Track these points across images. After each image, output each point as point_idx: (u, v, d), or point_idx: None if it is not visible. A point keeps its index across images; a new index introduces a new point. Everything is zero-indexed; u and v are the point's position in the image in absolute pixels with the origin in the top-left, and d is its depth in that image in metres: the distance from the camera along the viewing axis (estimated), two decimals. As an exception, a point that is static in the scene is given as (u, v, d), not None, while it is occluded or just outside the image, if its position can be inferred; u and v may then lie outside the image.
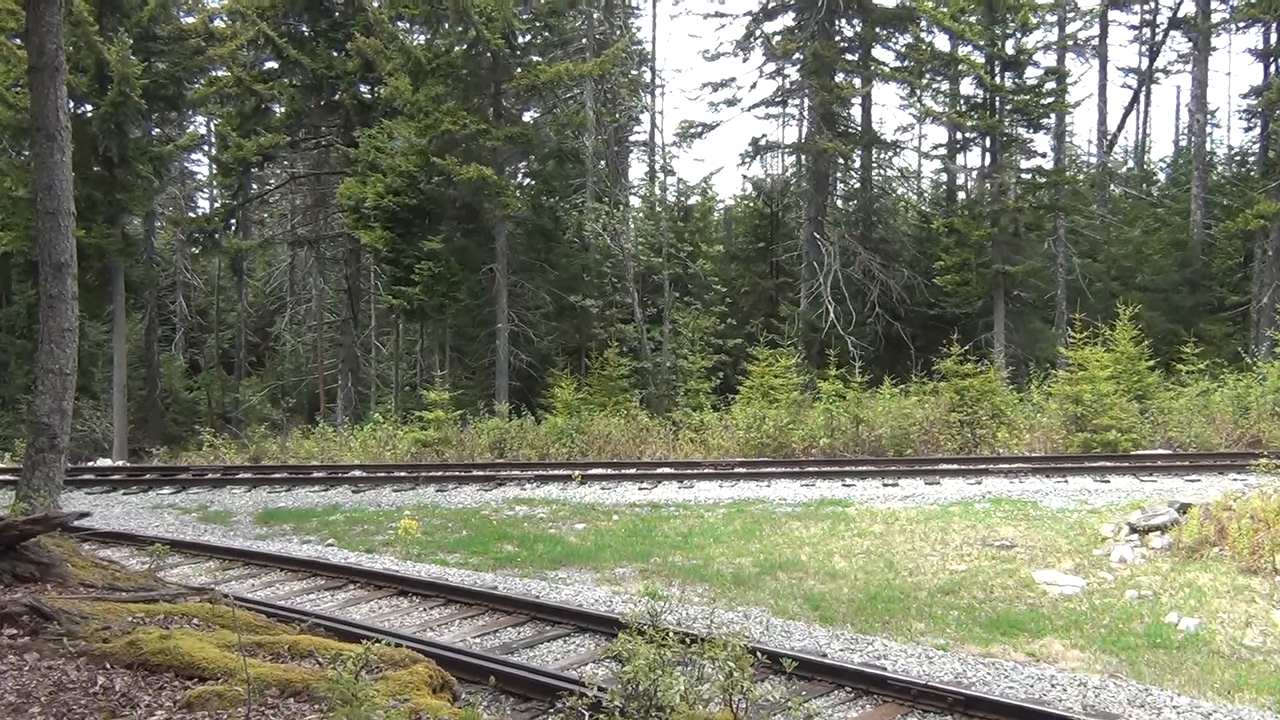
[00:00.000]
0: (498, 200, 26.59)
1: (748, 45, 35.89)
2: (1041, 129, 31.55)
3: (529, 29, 28.64)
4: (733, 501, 15.85)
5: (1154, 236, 35.92)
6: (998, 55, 29.26)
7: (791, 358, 25.57)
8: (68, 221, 7.32)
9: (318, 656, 4.56)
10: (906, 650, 8.78)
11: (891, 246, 34.88)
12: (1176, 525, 12.27)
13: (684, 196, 34.39)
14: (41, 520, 5.67)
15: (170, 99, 28.86)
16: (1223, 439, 19.44)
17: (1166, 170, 44.15)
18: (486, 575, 11.74)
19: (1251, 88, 34.93)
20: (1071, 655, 8.99)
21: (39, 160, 7.29)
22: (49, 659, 4.34)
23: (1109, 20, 37.72)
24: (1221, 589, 10.58)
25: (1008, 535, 13.01)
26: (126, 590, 5.67)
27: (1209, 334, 30.07)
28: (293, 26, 31.48)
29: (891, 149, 39.75)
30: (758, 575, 11.60)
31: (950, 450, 20.04)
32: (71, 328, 7.36)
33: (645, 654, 5.09)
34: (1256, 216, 28.71)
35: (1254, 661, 8.84)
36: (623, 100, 37.70)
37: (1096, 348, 21.41)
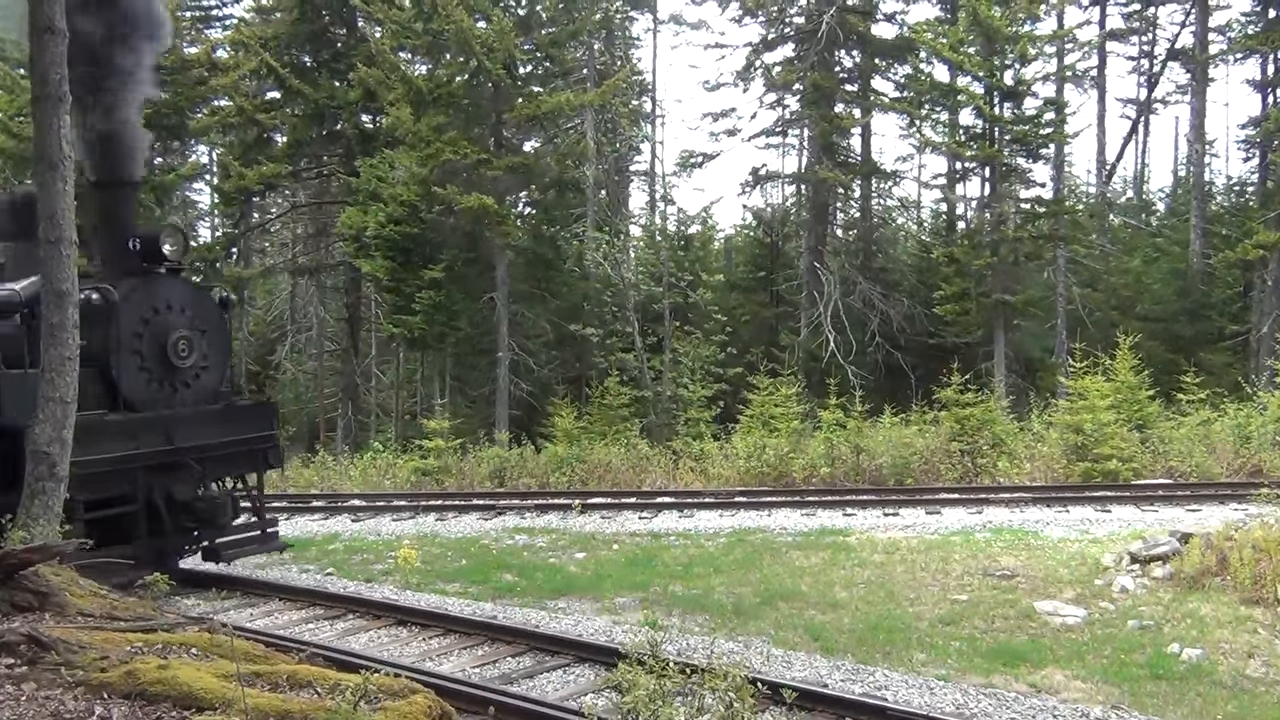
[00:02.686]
0: (499, 229, 26.68)
1: (748, 76, 36.08)
2: (1041, 159, 31.64)
3: (530, 59, 28.81)
4: (733, 531, 15.81)
5: (1153, 266, 35.96)
6: (997, 86, 29.40)
7: (792, 387, 25.55)
8: (69, 250, 7.34)
9: (316, 687, 4.54)
10: (908, 681, 8.75)
11: (891, 276, 34.94)
12: (1178, 555, 12.23)
13: (684, 226, 34.48)
14: (40, 549, 5.66)
15: (173, 128, 28.99)
16: (1223, 469, 19.39)
17: (1166, 200, 44.28)
18: (486, 605, 11.71)
19: (1250, 118, 35.12)
20: (1074, 686, 8.95)
21: (41, 189, 7.33)
22: (46, 689, 4.32)
23: (1107, 51, 37.95)
24: (1224, 619, 10.54)
25: (1009, 565, 12.97)
26: (125, 619, 5.66)
27: (1209, 363, 30.04)
28: (295, 57, 31.69)
29: (891, 179, 39.88)
30: (758, 605, 11.56)
31: (951, 480, 20.00)
32: (73, 356, 7.38)
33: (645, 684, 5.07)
34: (1256, 246, 28.75)
35: (1256, 693, 8.79)
36: (623, 130, 37.88)
37: (1097, 377, 21.39)
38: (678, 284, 31.08)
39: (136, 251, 11.84)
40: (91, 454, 10.37)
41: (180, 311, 12.04)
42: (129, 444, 11.10)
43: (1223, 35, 36.28)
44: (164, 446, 11.43)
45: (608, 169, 35.42)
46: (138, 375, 11.59)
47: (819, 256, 32.83)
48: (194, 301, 12.31)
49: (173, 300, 12.01)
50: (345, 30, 32.04)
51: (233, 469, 12.55)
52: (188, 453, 11.63)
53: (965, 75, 30.66)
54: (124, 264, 11.88)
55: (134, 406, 11.45)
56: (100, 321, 11.05)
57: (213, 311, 12.57)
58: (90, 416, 10.49)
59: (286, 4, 31.80)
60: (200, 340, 12.17)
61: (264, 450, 12.69)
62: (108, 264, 11.98)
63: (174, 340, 11.82)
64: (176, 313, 12.01)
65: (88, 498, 10.38)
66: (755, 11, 34.58)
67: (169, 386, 11.91)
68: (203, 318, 12.33)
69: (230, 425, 12.33)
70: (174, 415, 11.74)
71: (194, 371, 12.13)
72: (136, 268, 11.92)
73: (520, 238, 27.46)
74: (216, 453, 12.03)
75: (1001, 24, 28.28)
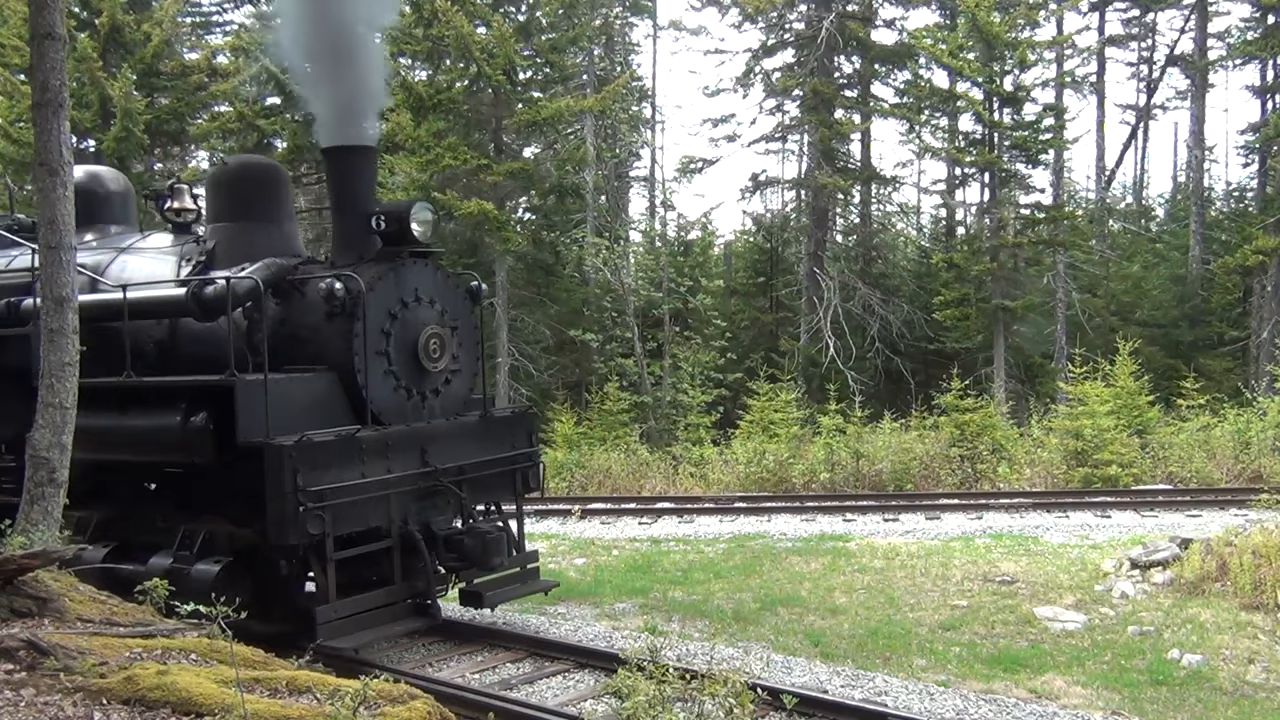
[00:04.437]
0: (498, 235, 26.67)
1: (747, 82, 36.09)
2: (1040, 165, 31.65)
3: (530, 65, 28.82)
4: (733, 536, 15.80)
5: (1153, 272, 35.98)
6: (996, 92, 29.42)
7: (791, 392, 25.53)
8: (70, 256, 7.34)
9: (315, 692, 4.53)
10: (908, 686, 8.74)
11: (891, 281, 34.93)
12: (1178, 561, 12.23)
13: (684, 231, 34.47)
14: (40, 555, 5.66)
15: (173, 134, 29.01)
16: (1223, 474, 19.39)
17: (1165, 206, 44.29)
18: (485, 610, 11.69)
19: (1249, 124, 35.11)
20: (1074, 692, 8.94)
21: (42, 195, 7.32)
22: (45, 694, 4.32)
23: (1106, 57, 37.98)
24: (1224, 625, 10.53)
25: (1009, 571, 12.97)
26: (124, 625, 5.66)
27: (1209, 369, 30.04)
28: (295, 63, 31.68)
29: (891, 184, 39.87)
30: (758, 611, 11.55)
31: (951, 485, 19.99)
32: (72, 362, 7.37)
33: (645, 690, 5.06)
34: (1255, 252, 28.75)
35: (1257, 699, 8.79)
36: (623, 136, 37.88)
37: (1096, 383, 21.41)
38: (677, 289, 31.07)
39: (379, 230, 9.76)
40: (345, 479, 8.70)
41: (429, 304, 9.97)
42: (382, 466, 9.16)
43: (1222, 41, 36.33)
44: (419, 469, 9.46)
45: (607, 175, 35.42)
46: (384, 381, 9.52)
47: (819, 262, 32.82)
48: (443, 291, 10.18)
49: (421, 290, 9.90)
50: (345, 36, 32.07)
51: (490, 494, 10.40)
52: (446, 475, 9.63)
53: (965, 81, 30.68)
54: (363, 246, 9.93)
55: (379, 419, 9.41)
56: (342, 317, 9.29)
57: (462, 304, 10.52)
58: (343, 433, 8.91)
59: (287, 10, 31.85)
60: (451, 338, 10.11)
61: (523, 470, 10.69)
62: (343, 246, 10.04)
63: (425, 339, 9.80)
64: (425, 306, 9.94)
65: (342, 533, 8.78)
66: (755, 17, 34.59)
67: (417, 394, 9.87)
68: (453, 311, 10.27)
69: (488, 440, 10.35)
70: (429, 430, 9.76)
71: (444, 376, 10.12)
72: (379, 250, 9.92)
73: (520, 243, 27.44)
74: (474, 474, 9.98)
75: (1001, 30, 28.31)
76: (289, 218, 10.57)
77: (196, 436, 8.87)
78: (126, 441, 9.44)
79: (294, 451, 8.32)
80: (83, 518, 9.66)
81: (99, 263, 10.51)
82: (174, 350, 9.96)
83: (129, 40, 27.19)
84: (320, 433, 8.69)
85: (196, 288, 9.12)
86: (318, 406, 9.07)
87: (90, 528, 9.76)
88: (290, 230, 10.44)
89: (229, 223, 10.13)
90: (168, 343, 10.02)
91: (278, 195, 10.44)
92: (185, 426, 8.88)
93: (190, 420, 8.88)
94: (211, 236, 10.18)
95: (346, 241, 9.98)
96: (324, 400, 9.16)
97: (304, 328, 9.44)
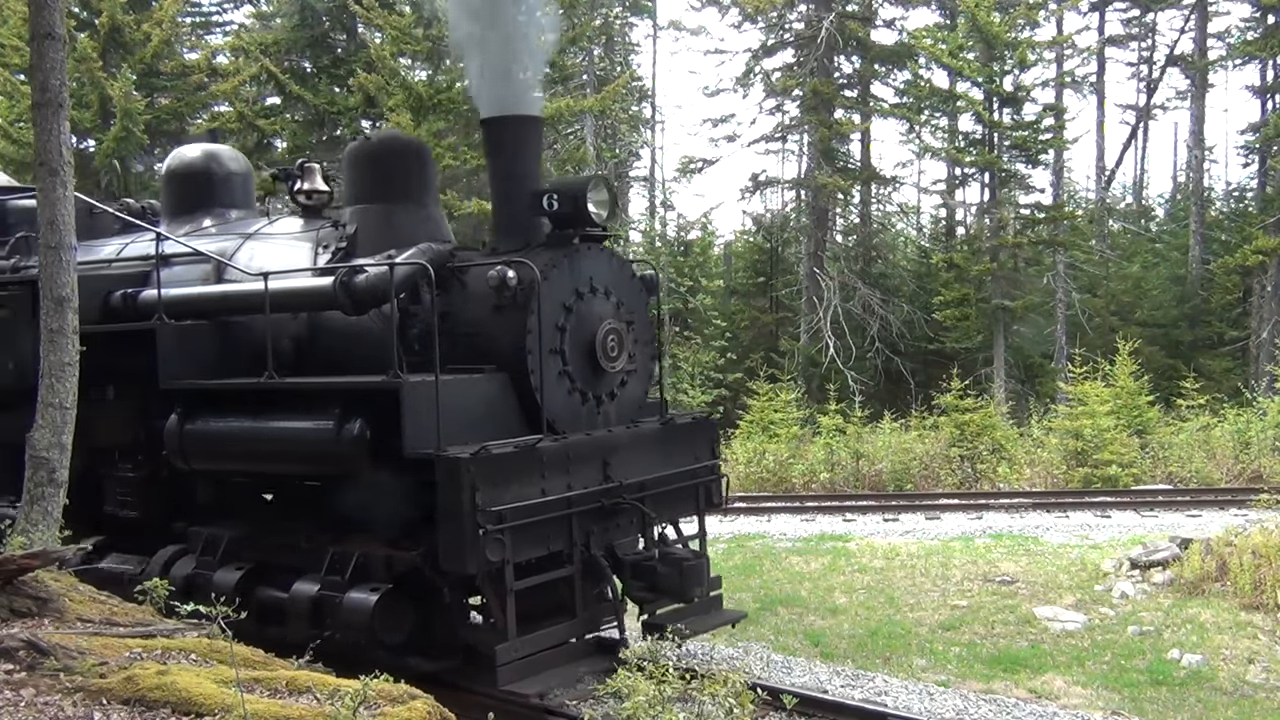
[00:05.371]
0: (498, 235, 26.68)
1: (747, 82, 36.11)
2: (1040, 165, 31.69)
3: (530, 65, 28.82)
4: (732, 536, 15.80)
5: (1153, 272, 36.00)
6: (996, 92, 29.43)
7: (791, 392, 25.54)
8: (70, 256, 7.32)
9: (315, 692, 4.53)
10: (908, 687, 8.75)
11: (891, 281, 34.95)
12: (1178, 561, 12.23)
13: (684, 231, 34.49)
14: (40, 555, 5.66)
15: (173, 134, 28.97)
16: (1223, 474, 19.39)
17: (1165, 206, 44.32)
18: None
19: (1249, 124, 35.13)
20: (1074, 692, 8.94)
21: (42, 195, 7.32)
22: (45, 695, 4.32)
23: (1106, 57, 38.01)
24: (1224, 625, 10.53)
25: (1009, 571, 12.97)
26: (124, 625, 5.65)
27: (1208, 369, 30.05)
28: (295, 63, 31.69)
29: (891, 184, 39.90)
30: (758, 611, 11.55)
31: (950, 485, 19.99)
32: (72, 362, 7.35)
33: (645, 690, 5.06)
34: (1255, 252, 28.77)
35: (1257, 699, 8.79)
36: (623, 136, 37.90)
37: (1096, 383, 21.41)
38: (677, 289, 31.09)
39: (551, 211, 8.53)
40: (526, 497, 7.50)
41: (605, 295, 8.69)
42: (563, 482, 7.92)
43: (1222, 41, 36.36)
44: (602, 484, 8.21)
45: (607, 174, 35.43)
46: (557, 383, 8.29)
47: (818, 262, 32.82)
48: (619, 281, 8.89)
49: (596, 280, 8.62)
50: (345, 36, 32.04)
51: (671, 511, 9.00)
52: (629, 491, 8.33)
53: (965, 81, 30.71)
54: (529, 230, 8.70)
55: (554, 427, 8.16)
56: (513, 310, 8.06)
57: (639, 295, 9.19)
58: (523, 444, 7.70)
59: (287, 10, 31.83)
60: (627, 334, 8.83)
61: (706, 484, 9.29)
62: (507, 230, 8.79)
63: (603, 335, 8.50)
64: (601, 298, 8.65)
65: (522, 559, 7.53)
66: (755, 17, 34.61)
67: (593, 398, 8.62)
68: (629, 304, 8.95)
69: (670, 451, 9.00)
70: (611, 440, 8.49)
71: (620, 378, 8.83)
72: (548, 235, 8.70)
73: (520, 243, 27.42)
74: (656, 489, 8.65)
75: (1001, 30, 28.33)
76: (434, 200, 9.61)
77: (352, 446, 7.72)
78: (266, 451, 8.33)
79: (472, 465, 7.15)
80: (211, 535, 8.75)
81: (223, 251, 9.50)
82: (313, 348, 8.91)
83: (129, 40, 27.18)
84: (499, 444, 7.51)
85: (346, 276, 8.01)
86: (488, 413, 7.93)
87: (220, 548, 8.65)
88: (437, 214, 9.45)
89: (371, 205, 9.07)
90: (305, 340, 8.92)
91: (424, 174, 9.41)
92: (339, 435, 7.75)
93: (344, 428, 7.74)
94: (352, 220, 9.12)
95: (510, 225, 8.77)
96: (494, 405, 8.00)
97: (466, 322, 8.26)
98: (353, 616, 7.49)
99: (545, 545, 7.75)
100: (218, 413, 8.45)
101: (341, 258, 8.81)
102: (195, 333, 8.96)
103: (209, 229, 10.17)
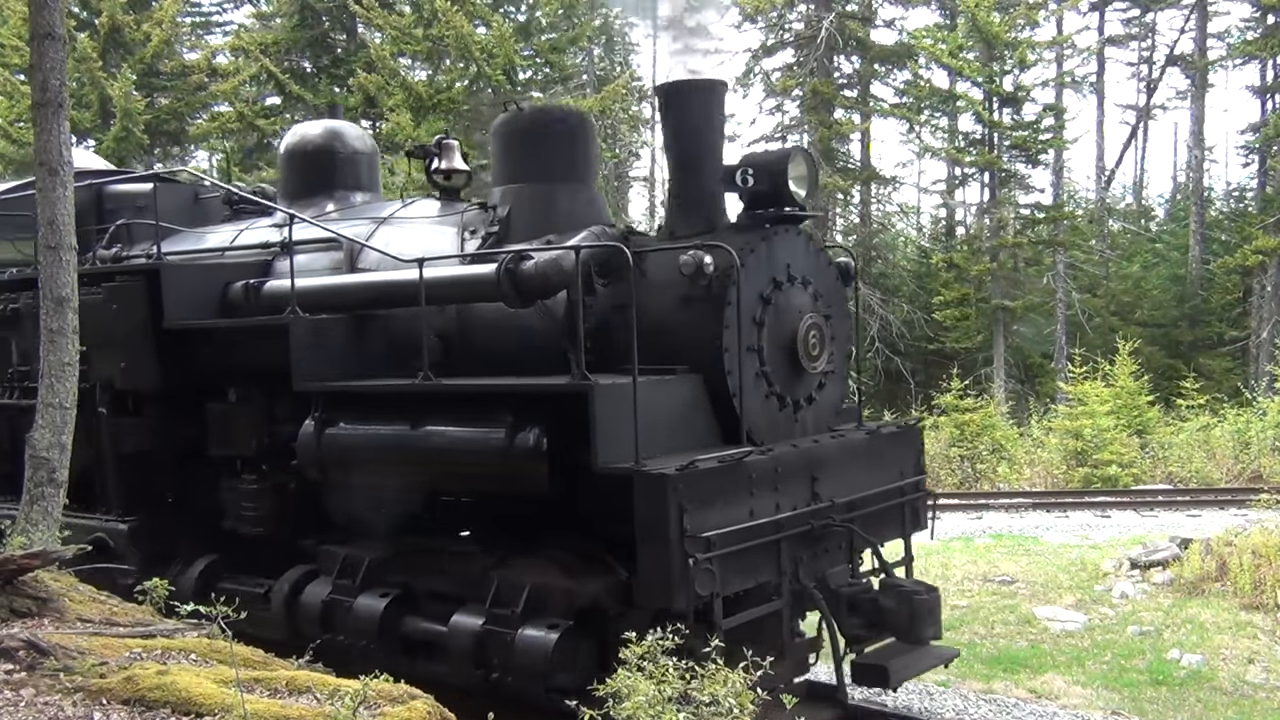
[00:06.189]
0: (499, 235, 26.67)
1: (747, 82, 36.09)
2: (1040, 164, 31.73)
3: (530, 65, 28.84)
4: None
5: (1153, 272, 36.02)
6: (996, 92, 29.45)
7: (791, 392, 25.51)
8: (70, 256, 7.30)
9: (315, 692, 4.53)
10: (908, 686, 8.74)
11: (891, 281, 34.95)
12: (1178, 561, 12.24)
13: (684, 231, 34.36)
14: (40, 555, 5.65)
15: (173, 134, 29.01)
16: (1223, 474, 19.40)
17: (1165, 206, 44.36)
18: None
19: (1249, 124, 35.15)
20: (1074, 692, 8.94)
21: (42, 195, 7.30)
22: (45, 695, 4.32)
23: (1106, 57, 38.05)
24: (1223, 625, 10.54)
25: (1009, 571, 12.97)
26: (124, 625, 5.65)
27: (1208, 369, 30.08)
28: (295, 63, 31.70)
29: (891, 184, 39.88)
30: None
31: (950, 485, 19.99)
32: (72, 362, 7.32)
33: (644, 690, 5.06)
34: (1255, 252, 28.80)
35: (1257, 699, 8.79)
36: (623, 136, 37.91)
37: (1096, 382, 21.42)
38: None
39: (746, 188, 7.41)
40: (734, 520, 6.38)
41: (802, 285, 7.54)
42: (770, 502, 6.75)
43: (1222, 41, 36.38)
44: (811, 504, 7.06)
45: (607, 174, 35.43)
46: (755, 385, 7.15)
47: (819, 262, 32.80)
48: (815, 269, 7.74)
49: (794, 267, 7.47)
50: (345, 36, 32.05)
51: (878, 535, 7.68)
52: (839, 511, 7.19)
53: (964, 81, 30.73)
54: (712, 211, 7.61)
55: (752, 436, 7.02)
56: (705, 302, 6.96)
57: (836, 285, 8.05)
58: (730, 458, 6.51)
59: (286, 10, 31.85)
60: (827, 331, 7.67)
61: (913, 504, 8.16)
62: (686, 211, 7.63)
63: (805, 331, 7.38)
64: (799, 288, 7.50)
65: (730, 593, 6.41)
66: (755, 17, 34.60)
67: (790, 403, 7.48)
68: (827, 295, 7.82)
69: (877, 464, 7.84)
70: (820, 453, 7.30)
71: (818, 380, 7.70)
72: (740, 216, 7.60)
73: (520, 243, 27.42)
74: (863, 509, 7.46)
75: (1001, 30, 28.35)
76: (595, 178, 8.55)
77: (527, 459, 6.58)
78: (423, 463, 7.21)
79: (680, 483, 6.08)
80: (349, 556, 7.73)
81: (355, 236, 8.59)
82: (462, 346, 7.86)
83: (129, 40, 27.21)
84: (705, 457, 6.40)
85: (512, 263, 6.94)
86: (681, 420, 6.82)
87: (360, 571, 7.63)
88: (597, 195, 8.44)
89: (526, 184, 7.99)
90: (453, 336, 7.86)
91: (587, 150, 8.33)
92: (511, 445, 6.62)
93: (518, 437, 6.62)
94: (503, 202, 8.04)
95: (690, 205, 7.62)
96: (687, 412, 6.88)
97: (646, 315, 6.85)
98: (527, 658, 6.46)
99: (753, 576, 6.61)
100: (361, 418, 7.46)
101: (493, 244, 7.79)
102: (331, 328, 7.87)
103: (330, 214, 9.27)
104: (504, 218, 7.91)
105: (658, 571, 6.11)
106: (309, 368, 7.65)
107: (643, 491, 6.11)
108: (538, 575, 6.80)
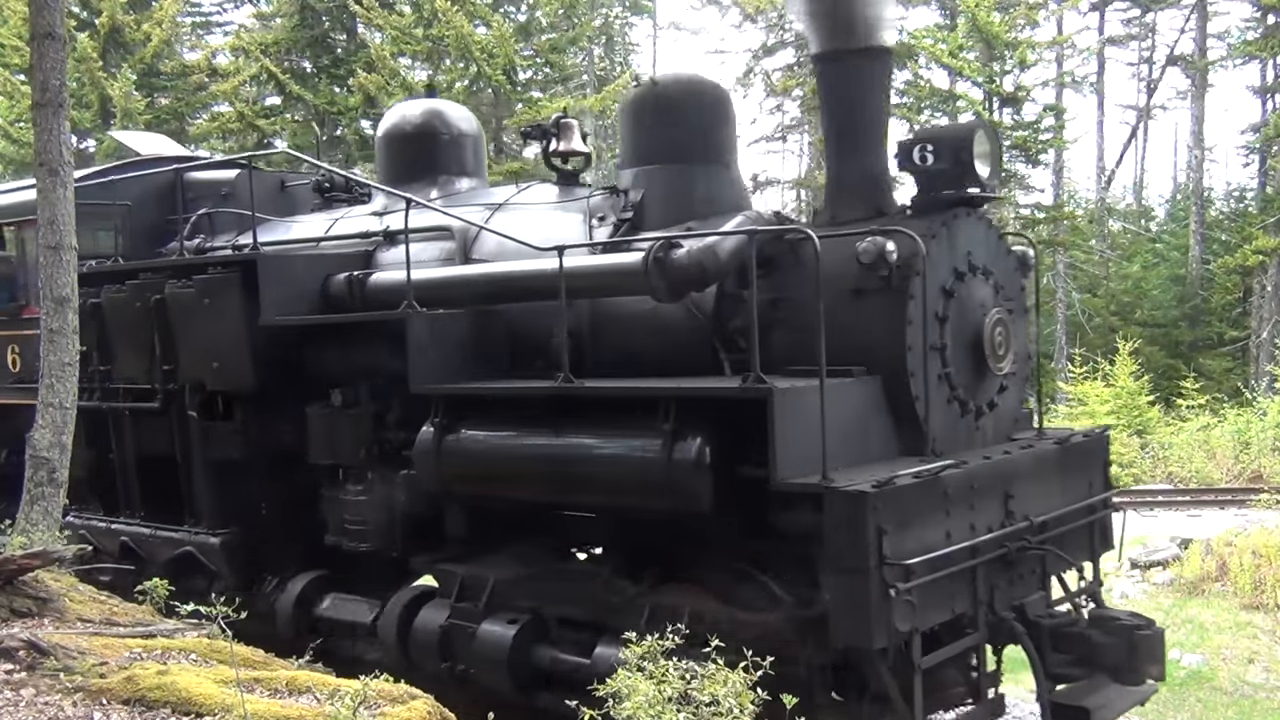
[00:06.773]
0: (498, 235, 26.67)
1: (747, 82, 36.16)
2: (1040, 165, 31.71)
3: (530, 65, 28.85)
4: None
5: (1153, 272, 36.02)
6: (996, 92, 29.43)
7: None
8: (70, 256, 7.30)
9: (315, 692, 4.53)
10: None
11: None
12: (1178, 561, 12.24)
13: (684, 231, 34.36)
14: (40, 555, 5.65)
15: (173, 134, 28.97)
16: (1223, 474, 19.38)
17: (1165, 206, 44.36)
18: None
19: (1249, 124, 35.16)
20: (1073, 692, 8.93)
21: (42, 195, 7.31)
22: (45, 695, 4.32)
23: (1106, 57, 38.06)
24: (1224, 625, 10.53)
25: (1009, 571, 12.95)
26: (124, 625, 5.65)
27: (1208, 369, 30.08)
28: (295, 63, 31.71)
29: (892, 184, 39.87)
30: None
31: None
32: (72, 362, 7.32)
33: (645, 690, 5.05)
34: (1255, 252, 28.79)
35: (1257, 699, 8.79)
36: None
37: (1096, 382, 21.41)
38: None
39: (924, 167, 6.50)
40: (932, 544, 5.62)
41: (984, 276, 6.76)
42: (966, 522, 5.95)
43: (1222, 41, 36.40)
44: (1005, 524, 6.24)
45: (607, 174, 35.45)
46: (937, 389, 6.38)
47: (819, 262, 32.82)
48: (996, 258, 6.97)
49: (975, 256, 6.68)
50: (345, 36, 32.05)
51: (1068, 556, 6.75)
52: (1035, 532, 6.38)
53: (965, 81, 30.71)
54: (878, 194, 6.78)
55: (936, 447, 6.32)
56: (880, 295, 6.17)
57: (1015, 277, 7.25)
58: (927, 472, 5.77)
59: (287, 10, 31.85)
60: (1011, 328, 6.87)
61: (1102, 521, 7.34)
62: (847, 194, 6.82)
63: (990, 328, 6.60)
64: (981, 279, 6.72)
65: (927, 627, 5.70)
66: (755, 17, 34.62)
67: (971, 409, 6.69)
68: (1008, 287, 7.04)
69: (1067, 478, 6.94)
70: (1012, 466, 6.47)
71: (1000, 383, 6.90)
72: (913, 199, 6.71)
73: (520, 243, 27.42)
74: (1056, 529, 6.61)
75: (1001, 30, 28.33)
76: (736, 159, 7.68)
77: (689, 473, 5.83)
78: (563, 476, 6.42)
79: (878, 502, 5.31)
80: (471, 576, 7.10)
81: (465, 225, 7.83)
82: (595, 344, 7.04)
83: (129, 40, 27.20)
84: (903, 473, 5.64)
85: (660, 251, 6.18)
86: (861, 429, 6.10)
87: (485, 593, 6.99)
88: (738, 177, 7.64)
89: (660, 165, 7.21)
90: (585, 333, 7.03)
91: (728, 127, 7.57)
92: (670, 457, 5.87)
93: (678, 447, 5.87)
94: (635, 185, 7.26)
95: (853, 187, 6.81)
96: (867, 419, 6.15)
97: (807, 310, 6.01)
98: None
99: (949, 607, 5.84)
100: (487, 424, 6.77)
101: (626, 231, 7.09)
102: (450, 324, 7.17)
103: (434, 200, 8.52)
104: (637, 203, 7.17)
105: (853, 604, 5.33)
106: (428, 368, 6.99)
107: (836, 512, 5.35)
108: (695, 602, 6.13)
